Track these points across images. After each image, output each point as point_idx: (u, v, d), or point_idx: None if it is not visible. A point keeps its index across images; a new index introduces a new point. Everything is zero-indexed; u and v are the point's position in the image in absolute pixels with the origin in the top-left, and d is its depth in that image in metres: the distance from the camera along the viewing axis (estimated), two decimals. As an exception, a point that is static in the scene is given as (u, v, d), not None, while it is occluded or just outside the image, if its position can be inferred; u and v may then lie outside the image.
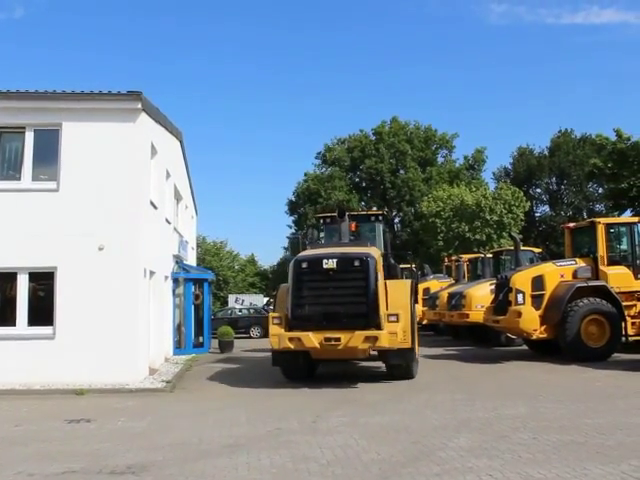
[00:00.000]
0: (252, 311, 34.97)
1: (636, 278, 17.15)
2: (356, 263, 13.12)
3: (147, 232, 15.24)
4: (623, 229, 18.10)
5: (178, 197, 23.55)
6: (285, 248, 64.18)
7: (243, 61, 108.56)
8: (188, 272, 22.42)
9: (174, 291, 21.26)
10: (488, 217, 40.98)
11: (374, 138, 60.97)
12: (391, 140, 58.75)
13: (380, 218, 17.40)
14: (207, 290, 23.54)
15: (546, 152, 61.03)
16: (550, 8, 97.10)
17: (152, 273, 16.42)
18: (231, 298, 51.35)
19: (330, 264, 12.89)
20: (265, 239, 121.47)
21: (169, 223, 19.92)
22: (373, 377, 14.53)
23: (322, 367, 15.34)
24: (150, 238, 15.74)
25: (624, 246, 18.07)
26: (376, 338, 12.46)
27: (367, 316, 12.81)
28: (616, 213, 32.66)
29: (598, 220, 17.96)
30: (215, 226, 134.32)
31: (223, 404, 11.63)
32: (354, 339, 12.41)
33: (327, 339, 12.44)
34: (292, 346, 12.63)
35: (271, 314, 13.72)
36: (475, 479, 6.26)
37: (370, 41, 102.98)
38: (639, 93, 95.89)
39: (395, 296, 13.69)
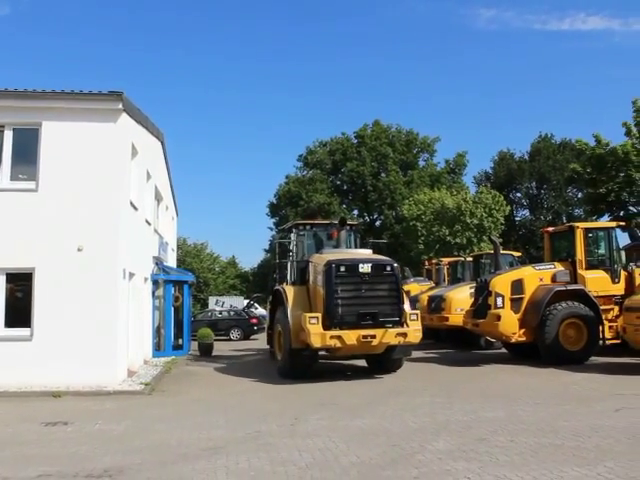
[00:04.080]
0: (232, 313, 34.80)
1: (613, 282, 17.33)
2: (388, 268, 14.61)
3: (127, 233, 15.13)
4: (601, 234, 18.26)
5: (159, 198, 23.42)
6: (266, 250, 64.07)
7: (226, 60, 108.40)
8: (168, 274, 22.27)
9: (154, 293, 21.10)
10: (468, 221, 41.14)
11: (356, 141, 61.11)
12: (373, 143, 58.90)
13: (353, 228, 18.56)
14: (187, 292, 23.40)
15: (526, 157, 61.53)
16: (538, 14, 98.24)
17: (131, 274, 16.30)
18: (211, 300, 51.19)
19: (365, 268, 14.24)
20: (246, 241, 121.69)
21: (149, 224, 19.80)
22: (353, 379, 14.55)
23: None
24: (130, 239, 15.62)
25: (602, 250, 18.23)
26: (405, 334, 14.10)
27: (398, 315, 14.34)
28: (594, 218, 32.93)
29: (577, 225, 18.12)
30: (196, 228, 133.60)
31: (202, 407, 11.58)
32: (387, 336, 13.90)
33: (364, 336, 13.69)
34: (332, 344, 13.63)
35: (307, 314, 13.96)
36: (453, 482, 6.29)
37: (355, 43, 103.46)
38: (620, 99, 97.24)
39: None
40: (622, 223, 19.04)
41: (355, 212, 60.94)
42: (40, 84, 14.45)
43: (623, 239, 18.57)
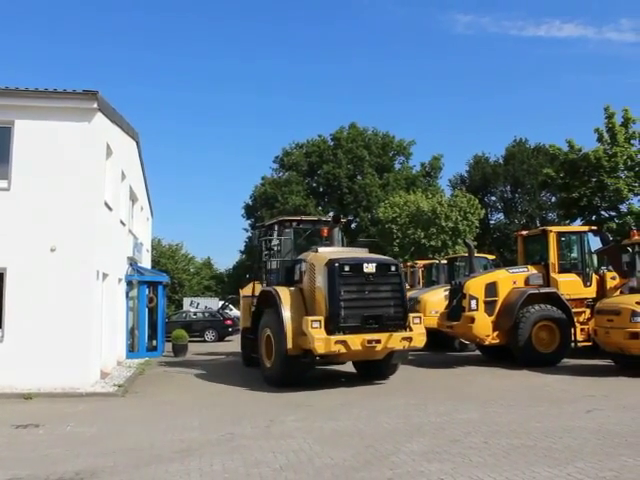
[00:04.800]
0: (207, 315, 34.65)
1: (585, 285, 17.60)
2: (392, 268, 13.78)
3: (101, 234, 14.99)
4: (573, 238, 18.50)
5: (133, 198, 23.24)
6: (242, 251, 63.91)
7: (202, 61, 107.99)
8: (142, 275, 22.10)
9: (128, 294, 20.94)
10: (444, 224, 41.39)
11: (332, 143, 61.21)
12: (349, 146, 59.05)
13: (341, 226, 17.27)
14: (161, 293, 23.27)
15: (501, 161, 62.07)
16: (514, 20, 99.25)
17: (105, 275, 16.16)
18: (186, 301, 50.90)
19: (370, 268, 13.30)
20: (221, 242, 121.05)
21: (124, 225, 19.64)
22: (328, 382, 14.54)
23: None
24: (104, 240, 15.48)
25: (574, 254, 18.47)
26: (411, 339, 13.33)
27: (403, 318, 13.55)
28: (567, 222, 33.34)
29: (549, 228, 18.34)
30: (171, 228, 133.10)
31: (176, 408, 11.50)
32: (392, 340, 13.05)
33: (369, 341, 12.77)
34: (337, 350, 12.66)
35: (309, 318, 12.88)
36: (426, 483, 6.34)
37: (333, 46, 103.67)
38: (593, 105, 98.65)
39: None
40: (594, 228, 19.31)
41: (331, 214, 60.86)
42: (13, 83, 14.27)
43: (595, 243, 18.82)
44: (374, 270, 13.32)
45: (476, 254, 21.73)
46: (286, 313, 13.51)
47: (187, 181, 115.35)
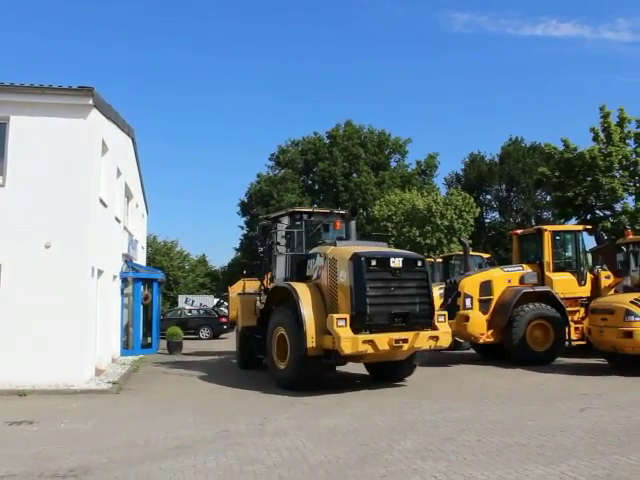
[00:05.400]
0: (202, 312, 34.67)
1: (580, 284, 17.66)
2: (419, 263, 13.08)
3: (96, 230, 14.96)
4: (568, 237, 18.58)
5: (129, 195, 23.20)
6: (237, 249, 63.86)
7: (198, 59, 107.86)
8: (137, 272, 22.09)
9: (123, 291, 20.93)
10: (439, 222, 41.46)
11: (328, 141, 61.16)
12: (345, 144, 59.03)
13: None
14: (156, 290, 23.25)
15: (497, 159, 62.15)
16: (511, 19, 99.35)
17: (100, 272, 16.13)
18: (181, 298, 50.93)
19: (397, 263, 12.55)
20: (217, 240, 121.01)
21: (119, 222, 19.61)
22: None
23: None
24: (99, 236, 15.46)
25: (569, 253, 18.55)
26: (437, 338, 12.59)
27: (430, 316, 12.83)
28: (562, 221, 33.43)
29: (544, 227, 18.41)
30: (166, 225, 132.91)
31: (170, 406, 11.50)
32: (420, 340, 12.32)
33: (397, 341, 12.01)
34: (364, 350, 11.77)
35: (335, 315, 11.94)
36: (420, 481, 6.36)
37: (330, 44, 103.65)
38: (589, 105, 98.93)
39: None
40: (589, 227, 19.36)
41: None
42: (8, 79, 14.22)
43: (590, 242, 18.87)
44: (401, 265, 12.57)
45: (471, 252, 21.76)
46: (305, 310, 12.53)
47: (183, 178, 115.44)
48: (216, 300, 43.27)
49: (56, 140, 13.98)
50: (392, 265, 12.50)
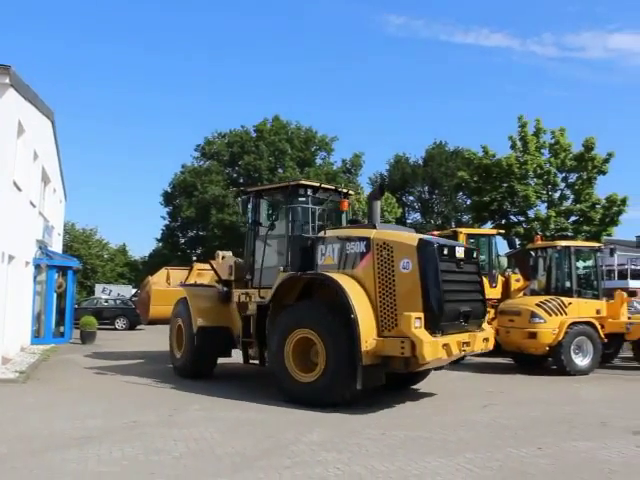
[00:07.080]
0: (118, 302, 34.03)
1: (491, 286, 18.29)
2: (474, 255, 11.61)
3: (8, 214, 14.48)
4: (482, 240, 19.26)
5: (46, 180, 22.52)
6: (158, 239, 62.75)
7: (125, 46, 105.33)
8: (52, 259, 21.49)
9: (35, 278, 20.32)
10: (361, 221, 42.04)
11: (255, 135, 60.89)
12: (272, 138, 58.88)
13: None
14: (71, 278, 22.70)
15: (421, 162, 63.48)
16: (445, 25, 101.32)
17: (11, 257, 15.61)
18: (98, 288, 49.72)
19: (461, 253, 10.80)
20: (138, 229, 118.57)
21: (34, 206, 19.00)
22: (236, 372, 14.59)
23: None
24: (11, 221, 14.96)
25: (482, 256, 19.19)
26: (488, 339, 11.26)
27: (484, 314, 11.64)
28: (479, 224, 34.56)
29: (460, 230, 19.04)
30: (85, 212, 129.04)
31: (79, 396, 11.28)
32: (477, 342, 10.81)
33: (463, 344, 10.39)
34: (441, 356, 9.80)
35: (412, 314, 9.56)
36: (323, 471, 6.53)
37: (263, 39, 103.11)
38: (510, 114, 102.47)
39: None
40: (501, 231, 20.14)
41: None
42: None
43: (503, 246, 19.64)
44: (463, 256, 10.85)
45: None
46: (359, 308, 9.99)
47: (104, 163, 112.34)
48: (134, 290, 42.53)
49: (-32, 119, 13.46)
50: (457, 256, 10.74)
